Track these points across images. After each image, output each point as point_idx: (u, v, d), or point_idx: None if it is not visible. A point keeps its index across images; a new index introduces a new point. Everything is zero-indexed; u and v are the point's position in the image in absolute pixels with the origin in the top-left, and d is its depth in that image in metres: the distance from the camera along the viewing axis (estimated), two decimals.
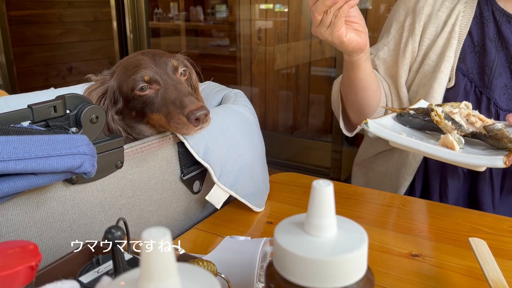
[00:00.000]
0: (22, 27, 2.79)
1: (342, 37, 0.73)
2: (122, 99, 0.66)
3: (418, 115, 0.66)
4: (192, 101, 0.60)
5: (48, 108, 0.49)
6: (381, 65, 0.96)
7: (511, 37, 0.83)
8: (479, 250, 0.53)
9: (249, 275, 0.45)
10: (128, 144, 0.59)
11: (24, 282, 0.32)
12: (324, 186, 0.30)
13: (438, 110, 0.62)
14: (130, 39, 2.90)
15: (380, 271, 0.56)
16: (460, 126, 0.61)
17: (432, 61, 0.88)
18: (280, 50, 2.66)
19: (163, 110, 0.62)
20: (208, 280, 0.26)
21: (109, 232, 0.36)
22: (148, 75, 0.64)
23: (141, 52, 0.69)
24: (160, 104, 0.63)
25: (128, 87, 0.65)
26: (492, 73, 0.84)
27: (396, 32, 0.94)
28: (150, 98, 0.64)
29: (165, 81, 0.64)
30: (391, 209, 0.75)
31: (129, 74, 0.65)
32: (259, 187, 0.73)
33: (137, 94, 0.64)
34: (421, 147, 0.59)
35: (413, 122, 0.68)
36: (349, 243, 0.29)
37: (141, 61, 0.66)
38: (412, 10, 0.92)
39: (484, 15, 0.86)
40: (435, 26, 0.89)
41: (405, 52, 0.91)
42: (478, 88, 0.85)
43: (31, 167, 0.43)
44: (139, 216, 0.62)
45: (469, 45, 0.87)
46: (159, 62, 0.66)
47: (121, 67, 0.67)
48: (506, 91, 0.83)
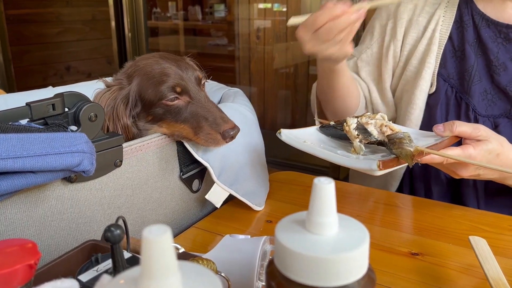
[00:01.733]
0: (20, 26, 2.78)
1: (350, 50, 0.72)
2: (141, 104, 0.65)
3: (337, 125, 0.70)
4: (225, 119, 0.64)
5: (47, 106, 0.49)
6: (363, 68, 0.95)
7: (489, 42, 0.81)
8: (479, 249, 0.53)
9: (248, 274, 0.45)
10: (127, 142, 0.59)
11: (23, 281, 0.31)
12: (325, 183, 0.29)
13: (350, 121, 0.66)
14: (128, 38, 2.89)
15: (380, 269, 0.56)
16: (367, 135, 0.64)
17: (413, 67, 0.88)
18: (278, 49, 2.66)
19: (191, 122, 0.64)
20: (209, 278, 0.26)
21: (108, 231, 0.36)
22: (181, 87, 0.64)
23: (159, 55, 0.68)
24: (189, 116, 0.64)
25: (155, 95, 0.64)
26: (471, 79, 0.82)
27: (379, 36, 0.93)
28: (177, 108, 0.64)
29: (195, 95, 0.65)
30: (391, 207, 0.75)
31: (157, 82, 0.64)
32: (258, 186, 0.73)
33: (165, 103, 0.64)
34: (320, 153, 0.63)
35: (332, 133, 0.71)
36: (351, 241, 0.29)
37: (168, 69, 0.65)
38: (394, 14, 0.91)
39: (464, 19, 0.84)
40: (416, 32, 0.88)
41: (388, 57, 0.91)
42: (458, 94, 0.83)
43: (30, 165, 0.43)
44: (138, 214, 0.62)
45: (450, 50, 0.85)
46: (186, 72, 0.66)
47: (142, 72, 0.65)
48: (486, 96, 0.82)
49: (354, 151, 0.65)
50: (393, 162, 0.58)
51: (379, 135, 0.64)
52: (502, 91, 0.80)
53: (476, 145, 0.64)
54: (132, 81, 0.66)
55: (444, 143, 0.63)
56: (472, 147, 0.63)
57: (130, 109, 0.65)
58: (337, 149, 0.68)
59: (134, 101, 0.65)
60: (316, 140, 0.70)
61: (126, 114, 0.65)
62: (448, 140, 0.64)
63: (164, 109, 0.64)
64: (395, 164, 0.59)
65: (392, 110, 0.94)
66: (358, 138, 0.65)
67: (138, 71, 0.66)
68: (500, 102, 0.81)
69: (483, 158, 0.64)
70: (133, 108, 0.66)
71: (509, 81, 0.80)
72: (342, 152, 0.66)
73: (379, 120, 0.65)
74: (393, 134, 0.62)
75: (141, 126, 0.67)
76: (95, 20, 3.11)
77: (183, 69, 0.66)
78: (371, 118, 0.66)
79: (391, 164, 0.58)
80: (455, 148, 0.63)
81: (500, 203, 0.82)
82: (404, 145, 0.59)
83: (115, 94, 0.65)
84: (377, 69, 0.93)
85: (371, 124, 0.65)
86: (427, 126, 0.86)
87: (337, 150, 0.67)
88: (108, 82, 0.68)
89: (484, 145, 0.64)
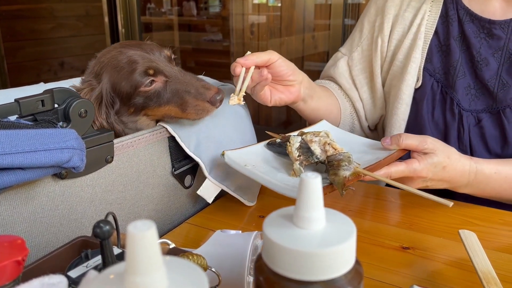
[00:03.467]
0: (13, 21, 2.76)
1: (267, 103, 0.75)
2: (119, 99, 0.64)
3: (282, 143, 0.68)
4: (207, 87, 0.63)
5: (36, 102, 0.49)
6: (355, 66, 0.95)
7: (472, 37, 0.82)
8: (469, 242, 0.53)
9: (239, 269, 0.45)
10: (118, 138, 0.59)
11: (10, 277, 0.31)
12: (312, 178, 0.29)
13: (293, 140, 0.65)
14: (122, 34, 2.87)
15: (371, 263, 0.57)
16: (309, 155, 0.63)
17: (400, 62, 0.88)
18: (273, 44, 2.66)
19: (175, 101, 0.63)
20: (195, 273, 0.26)
21: (98, 227, 0.36)
22: (153, 69, 0.63)
23: (120, 45, 0.66)
24: (170, 96, 0.63)
25: (130, 85, 0.63)
26: (456, 73, 0.83)
27: (368, 32, 0.93)
28: (156, 92, 0.63)
29: (169, 72, 0.64)
30: (383, 202, 0.75)
31: (127, 72, 0.62)
32: (250, 181, 0.73)
33: (143, 90, 0.63)
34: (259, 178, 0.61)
35: (278, 150, 0.70)
36: (337, 236, 0.29)
37: (134, 56, 0.63)
38: (381, 10, 0.91)
39: (449, 14, 0.84)
40: (402, 27, 0.88)
41: (377, 52, 0.91)
42: (444, 88, 0.84)
43: (19, 162, 0.43)
44: (129, 210, 0.62)
45: (436, 45, 0.86)
46: (153, 53, 0.65)
47: (109, 67, 0.64)
48: (469, 91, 0.82)
49: (294, 173, 0.64)
50: (326, 189, 0.58)
51: (322, 154, 0.63)
52: (485, 86, 0.81)
53: (421, 159, 0.64)
54: (102, 79, 0.64)
55: (392, 157, 0.64)
56: (417, 161, 0.64)
57: (106, 108, 0.64)
58: (278, 170, 0.66)
59: (109, 98, 0.64)
60: (261, 159, 0.68)
61: (100, 114, 0.63)
62: (396, 153, 0.65)
63: (144, 97, 0.63)
64: (328, 191, 0.58)
65: (381, 107, 0.94)
66: (298, 160, 0.63)
67: (105, 67, 0.64)
68: (483, 97, 0.81)
69: (429, 171, 0.65)
70: (110, 105, 0.64)
71: (491, 76, 0.80)
72: (282, 176, 0.64)
73: (323, 137, 0.64)
74: (333, 155, 0.61)
75: (126, 120, 0.66)
76: (88, 15, 3.09)
77: (148, 52, 0.65)
78: (315, 135, 0.65)
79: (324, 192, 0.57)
80: (400, 163, 0.63)
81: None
82: (341, 169, 0.58)
83: (88, 95, 0.63)
84: (369, 66, 0.94)
85: (315, 142, 0.64)
86: (414, 121, 0.86)
87: (277, 173, 0.65)
88: (77, 87, 0.66)
89: (430, 159, 0.64)
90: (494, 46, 0.80)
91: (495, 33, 0.80)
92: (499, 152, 0.79)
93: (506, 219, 0.68)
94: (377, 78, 0.92)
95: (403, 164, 0.63)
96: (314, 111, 0.86)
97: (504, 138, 0.78)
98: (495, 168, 0.70)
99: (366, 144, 0.72)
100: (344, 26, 2.26)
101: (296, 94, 0.78)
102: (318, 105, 0.86)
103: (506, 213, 0.70)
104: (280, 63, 0.72)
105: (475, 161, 0.70)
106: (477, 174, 0.69)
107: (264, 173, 0.63)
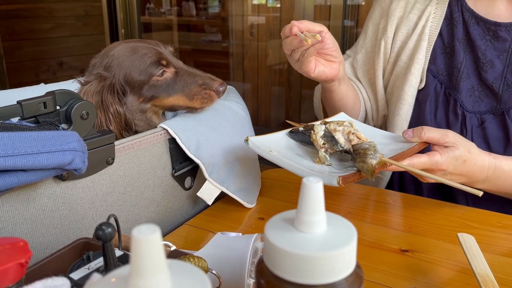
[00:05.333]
0: (12, 21, 2.75)
1: (310, 73, 0.76)
2: (129, 89, 0.67)
3: (306, 131, 0.69)
4: (213, 78, 0.70)
5: (38, 104, 0.49)
6: (359, 68, 0.96)
7: (478, 39, 0.82)
8: (467, 245, 0.53)
9: (240, 271, 0.45)
10: (119, 140, 0.59)
11: (14, 279, 0.31)
12: (314, 182, 0.30)
13: (317, 128, 0.65)
14: (121, 34, 2.87)
15: (370, 266, 0.57)
16: (334, 143, 0.64)
17: (403, 63, 0.89)
18: (272, 45, 2.66)
19: (184, 91, 0.68)
20: (198, 276, 0.26)
21: (100, 229, 0.36)
22: (165, 59, 0.67)
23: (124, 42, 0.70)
24: (179, 86, 0.68)
25: (144, 75, 0.66)
26: (459, 75, 0.83)
27: (373, 34, 0.94)
28: (166, 82, 0.68)
29: (177, 64, 0.69)
30: (382, 205, 0.75)
31: (140, 62, 0.66)
32: (250, 183, 0.73)
33: (156, 79, 0.67)
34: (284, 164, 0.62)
35: (301, 139, 0.71)
36: (338, 239, 0.30)
37: (144, 49, 0.67)
38: (386, 12, 0.92)
39: (454, 16, 0.85)
40: (406, 28, 0.89)
41: (379, 54, 0.92)
42: (447, 90, 0.84)
43: (21, 164, 0.43)
44: (130, 212, 0.62)
45: (440, 47, 0.86)
46: (160, 47, 0.69)
47: (120, 59, 0.67)
48: (473, 93, 0.82)
49: (319, 161, 0.64)
50: (354, 177, 0.58)
51: (346, 144, 0.63)
52: (489, 88, 0.81)
53: (443, 152, 0.64)
54: (113, 70, 0.67)
55: (413, 149, 0.64)
56: (439, 154, 0.64)
57: (118, 96, 0.66)
58: (303, 158, 0.67)
59: (121, 88, 0.67)
60: (284, 147, 0.69)
61: (115, 101, 0.66)
62: (417, 146, 0.65)
63: (155, 86, 0.67)
64: (356, 179, 0.58)
65: (383, 108, 0.94)
66: (323, 148, 0.64)
67: (115, 60, 0.67)
68: (486, 99, 0.82)
69: (450, 164, 0.65)
70: (122, 95, 0.67)
71: (495, 78, 0.81)
72: (307, 163, 0.65)
73: (346, 127, 0.65)
74: (359, 144, 0.61)
75: (135, 108, 0.68)
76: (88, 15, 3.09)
77: (155, 45, 0.69)
78: (339, 124, 0.65)
79: (352, 179, 0.58)
80: (422, 155, 0.64)
81: (488, 199, 0.83)
82: (368, 157, 0.58)
83: (100, 86, 0.66)
84: (371, 67, 0.94)
85: (338, 131, 0.64)
86: (416, 121, 0.87)
87: (302, 160, 0.66)
88: (83, 80, 0.68)
89: (451, 152, 0.64)
90: (499, 48, 0.81)
91: (501, 35, 0.81)
92: (501, 154, 0.80)
93: (504, 222, 0.68)
94: (378, 79, 0.93)
95: (425, 156, 0.63)
96: (343, 98, 0.87)
97: (507, 139, 0.79)
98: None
99: (386, 136, 0.72)
100: (344, 27, 2.27)
101: (336, 71, 0.79)
102: (348, 92, 0.88)
103: (504, 216, 0.70)
104: (328, 36, 0.73)
105: (494, 157, 0.70)
106: (496, 169, 0.69)
107: (290, 159, 0.64)
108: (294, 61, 0.75)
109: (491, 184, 0.71)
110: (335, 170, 0.64)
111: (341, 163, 0.66)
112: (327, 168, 0.64)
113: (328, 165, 0.64)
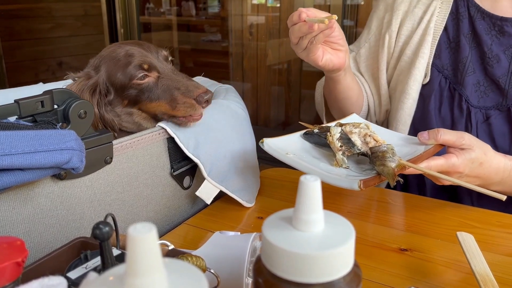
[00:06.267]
0: (11, 21, 2.75)
1: (317, 61, 0.75)
2: (113, 89, 0.67)
3: (321, 133, 0.68)
4: (196, 85, 0.65)
5: (36, 103, 0.49)
6: (362, 63, 0.96)
7: (484, 34, 0.82)
8: (466, 244, 0.53)
9: (238, 270, 0.45)
10: (117, 139, 0.59)
11: (10, 278, 0.31)
12: (311, 181, 0.30)
13: (333, 130, 0.65)
14: (121, 34, 2.87)
15: (369, 265, 0.57)
16: (351, 146, 0.63)
17: (408, 57, 0.88)
18: (272, 45, 2.66)
19: (165, 97, 0.65)
20: (195, 275, 0.26)
21: (97, 228, 0.36)
22: (147, 63, 0.66)
23: (120, 42, 0.70)
24: (161, 92, 0.66)
25: (125, 76, 0.65)
26: (465, 70, 0.83)
27: (376, 29, 0.94)
28: (148, 86, 0.66)
29: (162, 69, 0.67)
30: (382, 204, 0.75)
31: (123, 64, 0.66)
32: (249, 182, 0.73)
33: (136, 83, 0.65)
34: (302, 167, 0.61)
35: (316, 141, 0.70)
36: (336, 238, 0.29)
37: (131, 50, 0.67)
38: (391, 6, 0.92)
39: (460, 11, 0.85)
40: (411, 23, 0.89)
41: (383, 48, 0.92)
42: (452, 85, 0.84)
43: (18, 163, 0.43)
44: (128, 211, 0.62)
45: (445, 41, 0.86)
46: (150, 51, 0.68)
47: (107, 59, 0.67)
48: (478, 88, 0.82)
49: (337, 163, 0.64)
50: (375, 180, 0.58)
51: (363, 146, 0.63)
52: (495, 83, 0.81)
53: (459, 154, 0.64)
54: (100, 70, 0.67)
55: (429, 152, 0.64)
56: (455, 156, 0.64)
57: (98, 97, 0.66)
58: (320, 160, 0.66)
59: (104, 88, 0.67)
60: (300, 149, 0.68)
61: (93, 102, 0.65)
62: (433, 148, 0.65)
63: (137, 90, 0.66)
64: (377, 182, 0.58)
65: (385, 103, 0.94)
66: (341, 151, 0.64)
67: (103, 60, 0.68)
68: (492, 94, 0.82)
69: (466, 167, 0.65)
70: (104, 95, 0.67)
71: (502, 73, 0.81)
72: (325, 166, 0.64)
73: (363, 129, 0.64)
74: (376, 146, 0.61)
75: (120, 111, 0.68)
76: (87, 15, 3.09)
77: (145, 49, 0.68)
78: (355, 126, 0.65)
79: (373, 182, 0.57)
80: (438, 157, 0.63)
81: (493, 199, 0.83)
82: (387, 160, 0.58)
83: (81, 84, 0.66)
84: (375, 62, 0.94)
85: (355, 134, 0.64)
86: (420, 116, 0.87)
87: (319, 163, 0.65)
88: (74, 75, 0.69)
89: (468, 154, 0.64)
90: (505, 43, 0.81)
91: (507, 30, 0.81)
92: (507, 149, 0.80)
93: (503, 221, 0.68)
94: (382, 74, 0.93)
95: (442, 159, 0.63)
96: (347, 90, 0.87)
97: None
98: None
99: (401, 138, 0.72)
100: (343, 27, 2.27)
101: (343, 60, 0.78)
102: (352, 84, 0.88)
103: (503, 215, 0.70)
104: (335, 25, 0.73)
105: (509, 159, 0.70)
106: (511, 171, 0.69)
107: (307, 162, 0.63)
108: (301, 49, 0.73)
109: (506, 186, 0.71)
110: (353, 173, 0.63)
111: (358, 165, 0.65)
112: (345, 171, 0.63)
113: (345, 167, 0.64)
